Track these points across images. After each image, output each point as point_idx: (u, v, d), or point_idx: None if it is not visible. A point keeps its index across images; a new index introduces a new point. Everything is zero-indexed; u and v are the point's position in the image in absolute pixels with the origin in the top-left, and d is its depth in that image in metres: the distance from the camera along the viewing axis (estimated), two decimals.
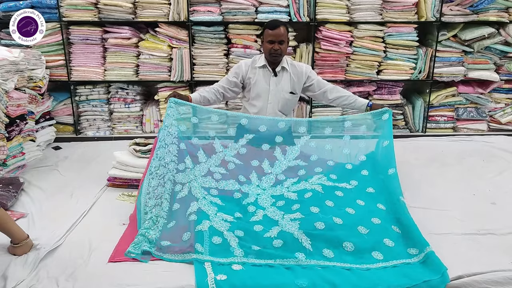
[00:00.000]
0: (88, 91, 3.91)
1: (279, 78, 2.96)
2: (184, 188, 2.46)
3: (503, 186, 2.82)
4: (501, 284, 1.90)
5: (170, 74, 3.86)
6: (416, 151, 3.50)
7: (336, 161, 2.75)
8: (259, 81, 2.96)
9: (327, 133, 2.79)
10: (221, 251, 2.05)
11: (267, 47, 2.84)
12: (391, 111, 2.74)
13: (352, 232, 2.17)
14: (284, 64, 2.95)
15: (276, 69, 2.94)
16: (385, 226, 2.24)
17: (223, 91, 2.95)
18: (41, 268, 1.96)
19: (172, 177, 2.49)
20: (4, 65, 3.00)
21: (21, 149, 3.14)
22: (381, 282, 1.88)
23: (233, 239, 2.12)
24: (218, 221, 2.23)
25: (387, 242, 2.13)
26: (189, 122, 2.71)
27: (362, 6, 3.71)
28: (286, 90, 2.97)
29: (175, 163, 2.54)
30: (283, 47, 2.86)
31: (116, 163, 2.81)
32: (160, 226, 2.23)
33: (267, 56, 2.89)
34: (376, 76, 3.93)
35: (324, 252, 2.06)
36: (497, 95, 4.06)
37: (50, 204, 2.59)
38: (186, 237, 2.12)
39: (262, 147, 2.76)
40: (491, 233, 2.26)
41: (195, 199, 2.38)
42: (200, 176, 2.54)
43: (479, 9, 3.77)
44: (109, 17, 3.69)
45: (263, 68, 2.96)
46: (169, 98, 2.67)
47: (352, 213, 2.31)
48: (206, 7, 3.69)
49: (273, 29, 2.81)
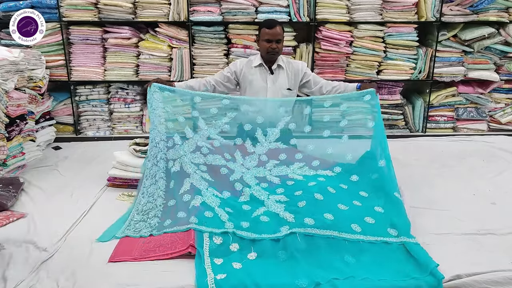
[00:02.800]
0: (88, 91, 3.92)
1: (275, 75, 3.00)
2: (175, 163, 2.60)
3: (503, 186, 2.82)
4: (501, 284, 1.90)
5: (170, 74, 3.86)
6: (416, 151, 3.51)
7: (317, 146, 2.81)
8: (256, 80, 3.00)
9: (306, 112, 2.86)
10: (213, 222, 2.23)
11: (265, 46, 2.89)
12: (373, 91, 2.72)
13: (333, 207, 2.31)
14: (280, 62, 3.00)
15: (272, 67, 2.99)
16: (367, 206, 2.35)
17: (214, 84, 3.01)
18: (41, 268, 1.96)
19: (164, 155, 2.63)
20: (4, 65, 3.00)
21: (21, 149, 3.14)
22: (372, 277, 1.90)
23: (223, 215, 2.29)
24: (210, 196, 2.43)
25: (368, 219, 2.26)
26: (174, 103, 2.78)
27: (362, 6, 3.71)
28: (284, 87, 3.01)
29: (164, 142, 2.65)
30: (280, 45, 2.92)
31: (116, 163, 2.81)
32: (160, 206, 2.40)
33: (264, 54, 2.94)
34: (376, 76, 3.93)
35: (305, 220, 2.20)
36: (497, 95, 4.06)
37: (50, 204, 2.59)
38: (181, 215, 2.32)
39: (244, 126, 2.80)
40: (491, 233, 2.25)
41: (187, 175, 2.55)
42: (189, 152, 2.65)
43: (479, 9, 3.77)
44: (109, 17, 3.69)
45: (260, 67, 3.00)
46: (151, 84, 2.72)
47: (333, 192, 2.43)
48: (206, 7, 3.69)
49: (270, 28, 2.86)
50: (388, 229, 2.20)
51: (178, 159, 2.61)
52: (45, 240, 2.15)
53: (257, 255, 2.05)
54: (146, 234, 2.23)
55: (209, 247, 2.06)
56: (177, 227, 2.24)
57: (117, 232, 2.24)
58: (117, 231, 2.25)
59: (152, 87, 2.70)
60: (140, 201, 2.50)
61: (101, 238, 2.21)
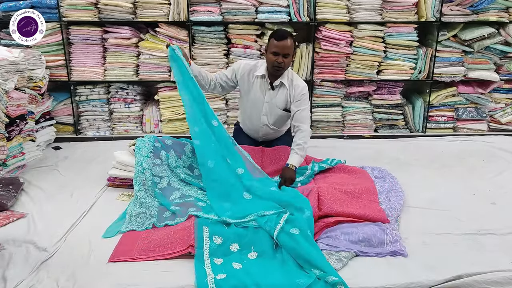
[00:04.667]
0: (88, 91, 3.91)
1: (275, 92, 2.88)
2: (162, 181, 2.66)
3: (503, 186, 2.82)
4: (501, 284, 1.90)
5: (170, 74, 3.86)
6: (416, 151, 3.51)
7: None
8: (255, 91, 2.90)
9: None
10: (210, 210, 2.37)
11: (271, 59, 2.70)
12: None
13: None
14: (284, 79, 2.82)
15: (274, 83, 2.84)
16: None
17: (220, 82, 2.94)
18: (41, 268, 1.96)
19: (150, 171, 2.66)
20: (4, 65, 3.00)
21: (21, 149, 3.14)
22: None
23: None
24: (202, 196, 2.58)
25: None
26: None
27: (362, 6, 3.71)
28: (279, 107, 2.91)
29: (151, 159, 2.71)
30: (287, 60, 2.71)
31: (116, 163, 2.81)
32: (156, 208, 2.46)
33: (269, 67, 2.77)
34: (376, 76, 3.93)
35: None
36: (497, 95, 4.05)
37: (50, 204, 2.58)
38: (178, 208, 2.42)
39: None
40: (491, 233, 2.25)
41: (176, 189, 2.65)
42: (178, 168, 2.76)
43: (479, 9, 3.76)
44: (109, 17, 3.69)
45: (262, 79, 2.87)
46: (171, 46, 2.68)
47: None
48: (206, 7, 3.69)
49: (279, 40, 2.65)
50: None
51: (166, 177, 2.68)
52: (45, 240, 2.15)
53: (257, 254, 2.05)
54: (150, 225, 2.29)
55: (209, 247, 2.06)
56: (178, 219, 2.32)
57: (121, 227, 2.27)
58: (121, 226, 2.28)
59: (171, 48, 2.66)
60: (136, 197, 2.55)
61: (106, 234, 2.23)
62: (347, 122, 4.06)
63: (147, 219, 2.35)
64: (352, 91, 3.98)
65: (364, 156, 3.32)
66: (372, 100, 4.03)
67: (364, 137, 4.02)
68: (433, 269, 1.95)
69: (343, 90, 3.99)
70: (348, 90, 3.98)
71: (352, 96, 4.02)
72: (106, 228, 2.29)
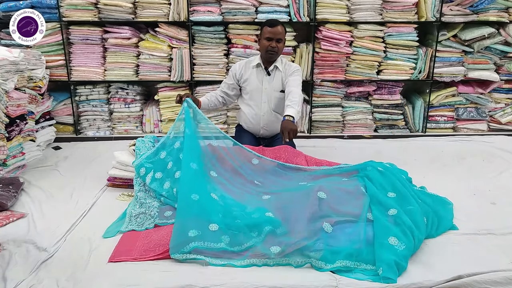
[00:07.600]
0: (88, 91, 3.92)
1: (271, 77, 3.02)
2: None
3: (503, 186, 2.82)
4: (501, 284, 1.89)
5: (170, 74, 3.86)
6: (416, 151, 3.51)
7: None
8: (252, 80, 3.03)
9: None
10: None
11: (265, 44, 2.90)
12: None
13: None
14: (278, 63, 3.00)
15: (269, 68, 3.00)
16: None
17: (223, 95, 3.11)
18: (41, 268, 1.95)
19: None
20: (4, 65, 3.00)
21: (21, 149, 3.14)
22: None
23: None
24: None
25: None
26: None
27: (362, 6, 3.71)
28: (278, 89, 3.03)
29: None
30: (280, 45, 2.93)
31: (116, 163, 2.81)
32: (156, 209, 2.43)
33: (264, 53, 2.95)
34: (376, 76, 3.93)
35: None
36: (497, 95, 4.06)
37: (50, 204, 2.58)
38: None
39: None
40: (491, 233, 2.25)
41: None
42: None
43: (479, 9, 3.77)
44: (109, 17, 3.69)
45: (257, 68, 3.03)
46: (186, 98, 2.68)
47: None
48: (206, 7, 3.69)
49: (272, 27, 2.87)
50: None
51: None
52: (45, 240, 2.15)
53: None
54: (151, 225, 2.27)
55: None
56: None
57: (121, 227, 2.26)
58: (122, 226, 2.27)
59: (185, 102, 2.66)
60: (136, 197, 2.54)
61: (106, 234, 2.22)
62: (347, 122, 4.06)
63: (147, 219, 2.34)
64: (352, 91, 3.98)
65: (364, 156, 3.29)
66: (372, 100, 4.03)
67: (364, 137, 4.02)
68: (433, 269, 1.94)
69: (343, 90, 3.99)
70: (348, 90, 3.98)
71: (352, 96, 4.02)
72: (106, 228, 2.28)
